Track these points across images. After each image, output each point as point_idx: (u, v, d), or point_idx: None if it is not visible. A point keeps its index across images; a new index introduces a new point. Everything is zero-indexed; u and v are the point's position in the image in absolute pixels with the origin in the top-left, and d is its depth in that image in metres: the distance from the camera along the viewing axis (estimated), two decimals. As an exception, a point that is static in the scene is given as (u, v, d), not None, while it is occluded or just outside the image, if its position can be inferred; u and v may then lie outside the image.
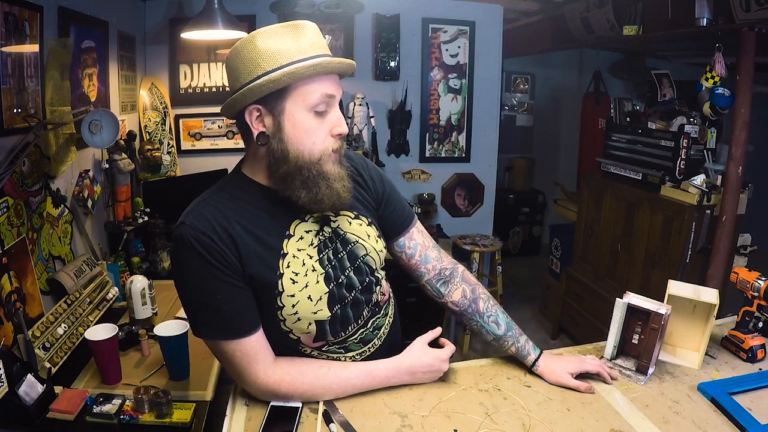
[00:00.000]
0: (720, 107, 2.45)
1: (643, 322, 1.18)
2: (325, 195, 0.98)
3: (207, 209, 0.98)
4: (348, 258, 1.09)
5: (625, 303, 1.19)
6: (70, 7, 1.89)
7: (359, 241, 1.11)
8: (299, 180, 0.97)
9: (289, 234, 1.03)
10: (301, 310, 1.02)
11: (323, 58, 0.94)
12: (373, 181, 1.18)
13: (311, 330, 1.05)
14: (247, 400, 1.07)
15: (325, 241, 1.06)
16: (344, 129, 0.99)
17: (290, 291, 1.00)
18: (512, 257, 5.05)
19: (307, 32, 0.96)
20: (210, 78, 3.03)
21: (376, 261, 1.14)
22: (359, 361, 1.12)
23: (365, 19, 3.12)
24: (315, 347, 1.09)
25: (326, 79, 0.97)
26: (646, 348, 1.16)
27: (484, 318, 1.22)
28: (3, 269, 1.45)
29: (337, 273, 1.06)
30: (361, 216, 1.13)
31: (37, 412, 1.28)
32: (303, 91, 0.95)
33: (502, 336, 1.22)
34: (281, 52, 0.93)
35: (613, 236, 3.06)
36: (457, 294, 1.23)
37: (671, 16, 2.53)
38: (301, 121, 0.96)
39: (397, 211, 1.21)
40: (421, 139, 3.40)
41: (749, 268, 1.33)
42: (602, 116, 3.98)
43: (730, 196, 2.40)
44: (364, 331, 1.13)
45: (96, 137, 1.69)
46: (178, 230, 0.96)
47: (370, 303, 1.12)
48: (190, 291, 0.98)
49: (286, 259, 1.01)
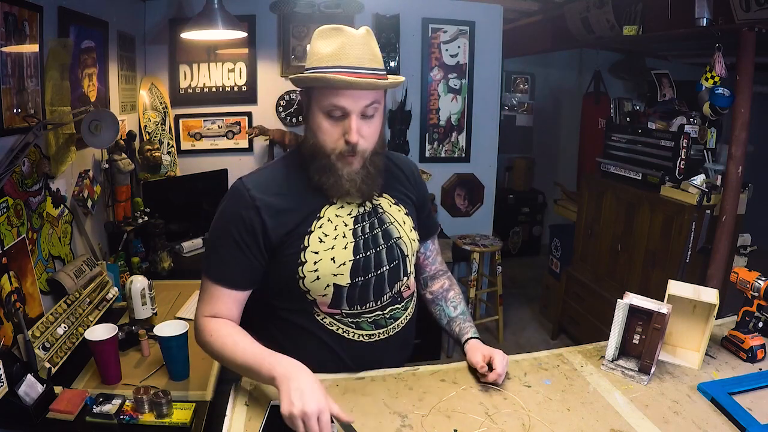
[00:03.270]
0: (720, 107, 2.45)
1: (644, 322, 1.18)
2: (333, 186, 1.09)
3: (266, 174, 1.14)
4: (382, 236, 1.16)
5: (627, 304, 1.19)
6: (70, 7, 1.89)
7: (394, 224, 1.19)
8: (314, 164, 1.10)
9: (332, 201, 1.13)
10: (321, 268, 1.09)
11: (337, 75, 1.01)
12: (419, 185, 1.31)
13: (328, 293, 1.11)
14: (247, 400, 1.07)
15: (364, 214, 1.15)
16: (352, 138, 1.05)
17: (315, 248, 1.09)
18: (512, 257, 5.05)
19: (340, 40, 1.04)
20: (210, 78, 3.03)
21: (408, 248, 1.21)
22: (367, 342, 1.16)
23: (365, 19, 3.11)
24: (328, 313, 1.14)
25: (342, 91, 1.03)
26: (649, 348, 1.16)
27: (447, 303, 1.34)
28: (3, 269, 1.45)
29: (368, 246, 1.14)
30: (400, 204, 1.23)
31: (37, 412, 1.28)
32: (318, 96, 1.06)
33: (454, 317, 1.32)
34: (315, 55, 1.05)
35: (613, 236, 3.06)
36: (437, 285, 1.38)
37: (671, 16, 2.53)
38: (316, 119, 1.07)
39: (431, 219, 1.38)
40: (421, 139, 3.40)
41: (749, 268, 1.33)
42: (602, 116, 3.98)
43: (730, 196, 2.41)
44: (380, 314, 1.17)
45: (96, 137, 1.69)
46: (235, 182, 1.12)
47: (393, 289, 1.18)
48: (212, 228, 1.13)
49: (320, 221, 1.11)
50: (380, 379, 1.15)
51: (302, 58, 3.09)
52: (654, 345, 1.15)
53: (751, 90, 2.33)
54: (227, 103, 3.08)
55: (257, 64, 3.06)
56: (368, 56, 1.05)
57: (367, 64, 1.04)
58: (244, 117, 3.11)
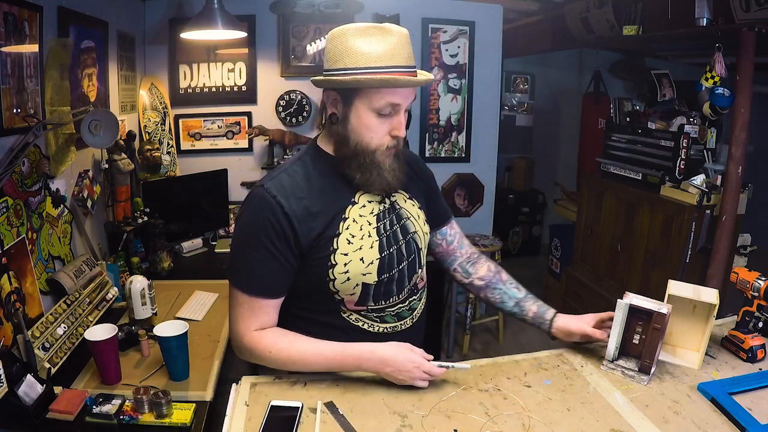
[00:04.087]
0: (720, 107, 2.45)
1: (644, 322, 1.18)
2: (376, 180, 1.10)
3: (285, 179, 1.11)
4: (401, 231, 1.18)
5: (627, 304, 1.19)
6: (69, 7, 1.89)
7: (410, 219, 1.21)
8: (356, 163, 1.09)
9: (354, 201, 1.14)
10: (351, 269, 1.10)
11: (394, 75, 1.01)
12: (426, 176, 1.33)
13: (356, 292, 1.13)
14: (247, 400, 1.07)
15: (384, 211, 1.17)
16: (402, 133, 1.08)
17: (344, 250, 1.10)
18: (512, 257, 5.05)
19: (392, 39, 1.03)
20: (210, 78, 3.03)
21: (423, 241, 1.24)
22: (390, 333, 1.18)
23: (365, 19, 3.11)
24: (354, 310, 1.16)
25: (399, 89, 1.04)
26: (649, 348, 1.16)
27: (507, 284, 1.35)
28: (3, 269, 1.45)
29: (390, 243, 1.16)
30: (414, 198, 1.25)
31: (36, 412, 1.28)
32: (371, 95, 1.04)
33: (523, 297, 1.32)
34: (362, 55, 1.02)
35: (613, 236, 3.06)
36: (483, 270, 1.37)
37: (671, 16, 2.53)
38: (365, 118, 1.06)
39: (441, 205, 1.38)
40: (421, 139, 3.40)
41: (749, 268, 1.33)
42: (602, 116, 3.98)
43: (730, 196, 2.41)
44: (402, 307, 1.20)
45: (96, 137, 1.69)
46: (255, 189, 1.10)
47: (411, 281, 1.21)
48: (238, 240, 1.12)
49: (346, 222, 1.12)
50: (380, 379, 1.15)
51: (302, 58, 3.09)
52: (654, 345, 1.15)
53: (751, 90, 2.33)
54: (227, 103, 3.08)
55: (257, 64, 3.06)
56: (412, 54, 1.07)
57: (413, 63, 1.07)
58: (243, 117, 3.11)
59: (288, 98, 3.14)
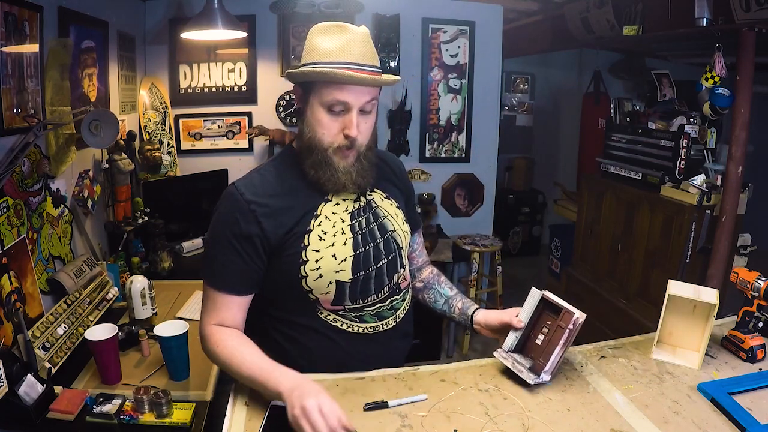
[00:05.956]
0: (720, 107, 2.45)
1: (552, 322, 1.15)
2: (329, 180, 1.10)
3: (256, 178, 1.13)
4: (378, 230, 1.18)
5: (540, 293, 1.17)
6: (70, 7, 1.89)
7: (388, 217, 1.21)
8: (310, 160, 1.10)
9: (327, 199, 1.14)
10: (323, 266, 1.10)
11: (343, 70, 1.02)
12: (405, 180, 1.34)
13: (330, 290, 1.12)
14: (247, 400, 1.07)
15: (359, 209, 1.17)
16: (352, 132, 1.07)
17: (316, 246, 1.10)
18: (512, 257, 5.05)
19: (345, 36, 1.05)
20: (210, 78, 3.03)
21: (402, 240, 1.23)
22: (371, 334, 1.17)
23: (365, 19, 3.11)
24: (331, 310, 1.14)
25: (346, 86, 1.04)
26: (547, 348, 1.12)
27: (442, 285, 1.37)
28: (3, 269, 1.45)
29: (366, 240, 1.15)
30: (392, 198, 1.25)
31: (37, 412, 1.28)
32: (321, 90, 1.06)
33: (452, 296, 1.34)
34: (317, 50, 1.05)
35: (613, 236, 3.06)
36: (426, 273, 1.42)
37: (671, 16, 2.53)
38: (317, 114, 1.08)
39: (415, 213, 1.38)
40: (421, 139, 3.40)
41: (749, 268, 1.33)
42: (602, 116, 3.98)
43: (730, 196, 2.40)
44: (382, 306, 1.18)
45: (96, 137, 1.69)
46: (227, 188, 1.13)
47: (392, 281, 1.20)
48: (209, 236, 1.15)
49: (318, 219, 1.12)
50: (380, 379, 1.15)
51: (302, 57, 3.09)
52: (553, 345, 1.10)
53: (751, 90, 2.33)
54: (227, 103, 3.08)
55: (257, 64, 3.06)
56: (369, 53, 1.07)
57: (368, 61, 1.06)
58: (244, 117, 3.11)
59: (288, 98, 3.14)
